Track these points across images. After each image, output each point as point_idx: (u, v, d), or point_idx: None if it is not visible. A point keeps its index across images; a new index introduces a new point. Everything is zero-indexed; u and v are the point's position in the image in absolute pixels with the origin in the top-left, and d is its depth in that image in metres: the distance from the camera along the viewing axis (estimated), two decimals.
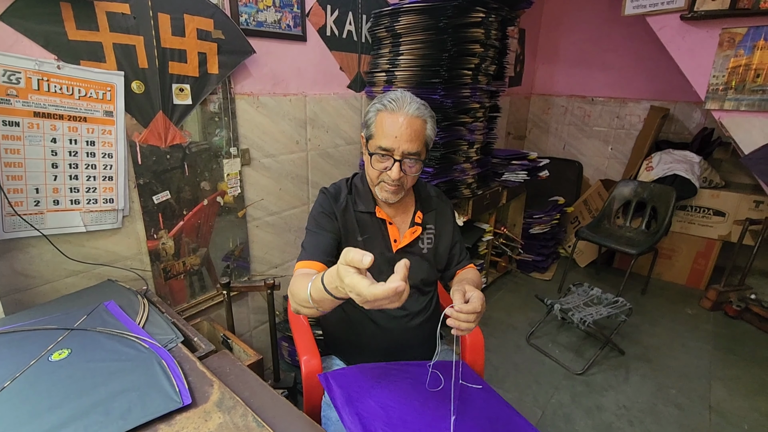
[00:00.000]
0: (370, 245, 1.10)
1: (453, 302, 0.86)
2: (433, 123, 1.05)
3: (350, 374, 0.99)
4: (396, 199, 1.07)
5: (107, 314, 0.99)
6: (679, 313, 2.62)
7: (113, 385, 0.75)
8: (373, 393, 0.94)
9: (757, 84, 1.95)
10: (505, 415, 0.98)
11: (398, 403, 0.92)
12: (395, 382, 0.99)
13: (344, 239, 1.08)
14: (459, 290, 0.89)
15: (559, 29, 3.50)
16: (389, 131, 0.99)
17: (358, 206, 1.11)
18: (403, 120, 0.99)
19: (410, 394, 0.96)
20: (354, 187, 1.14)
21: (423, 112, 1.02)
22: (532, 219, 2.96)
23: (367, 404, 0.90)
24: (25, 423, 0.66)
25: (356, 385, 0.96)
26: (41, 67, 1.03)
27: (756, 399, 1.91)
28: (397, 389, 0.97)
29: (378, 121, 1.02)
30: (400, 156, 1.00)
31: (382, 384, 0.98)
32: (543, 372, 2.07)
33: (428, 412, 0.91)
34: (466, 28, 1.76)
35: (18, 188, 1.07)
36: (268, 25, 1.51)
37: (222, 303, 1.51)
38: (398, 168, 1.00)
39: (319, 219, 1.07)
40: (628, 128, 3.35)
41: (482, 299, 0.86)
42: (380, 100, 1.03)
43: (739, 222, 2.64)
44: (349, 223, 1.09)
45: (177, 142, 1.36)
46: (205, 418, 0.71)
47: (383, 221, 1.12)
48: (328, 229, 1.06)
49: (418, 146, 1.00)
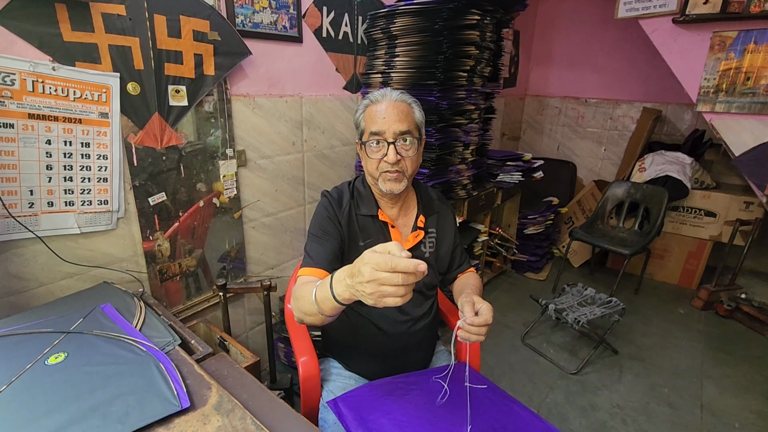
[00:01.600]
0: None
1: (463, 313, 0.87)
2: (418, 108, 1.08)
3: (359, 396, 0.98)
4: (400, 188, 1.05)
5: (103, 317, 0.98)
6: (671, 313, 2.65)
7: (111, 388, 0.75)
8: (385, 411, 0.93)
9: (748, 87, 1.98)
10: (513, 411, 0.99)
11: (410, 417, 0.92)
12: (404, 396, 0.99)
13: (347, 245, 1.08)
14: (468, 302, 0.90)
15: (553, 31, 3.53)
16: (377, 117, 1.03)
17: (360, 210, 1.11)
18: (388, 104, 1.03)
19: (420, 406, 0.96)
20: (356, 190, 1.14)
21: (406, 98, 1.07)
22: (526, 219, 2.98)
23: (380, 424, 0.89)
24: (22, 427, 0.66)
25: (367, 405, 0.95)
26: (36, 69, 1.03)
27: (747, 397, 1.93)
28: (408, 403, 0.96)
29: (366, 114, 1.06)
30: (393, 137, 1.01)
31: (391, 400, 0.97)
32: (538, 372, 2.09)
33: (440, 422, 0.91)
34: (461, 30, 1.76)
35: (12, 190, 1.06)
36: (264, 27, 1.51)
37: (218, 304, 1.51)
38: (394, 151, 1.01)
39: (324, 224, 1.06)
40: (621, 130, 3.39)
41: (491, 310, 0.88)
42: (365, 99, 1.09)
43: (730, 222, 2.68)
44: (352, 228, 1.09)
45: (173, 143, 1.36)
46: (203, 422, 0.71)
47: (385, 225, 1.12)
48: (333, 235, 1.05)
49: (407, 125, 1.03)
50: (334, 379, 1.16)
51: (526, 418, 0.98)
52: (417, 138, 1.06)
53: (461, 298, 0.95)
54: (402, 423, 0.90)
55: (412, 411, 0.94)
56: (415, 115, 1.06)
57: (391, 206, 1.13)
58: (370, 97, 1.07)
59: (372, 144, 1.03)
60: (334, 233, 1.05)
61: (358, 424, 0.89)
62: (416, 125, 1.06)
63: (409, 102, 1.06)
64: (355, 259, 1.09)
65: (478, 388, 1.04)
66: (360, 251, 1.08)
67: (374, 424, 0.89)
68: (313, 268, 0.99)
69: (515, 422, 0.96)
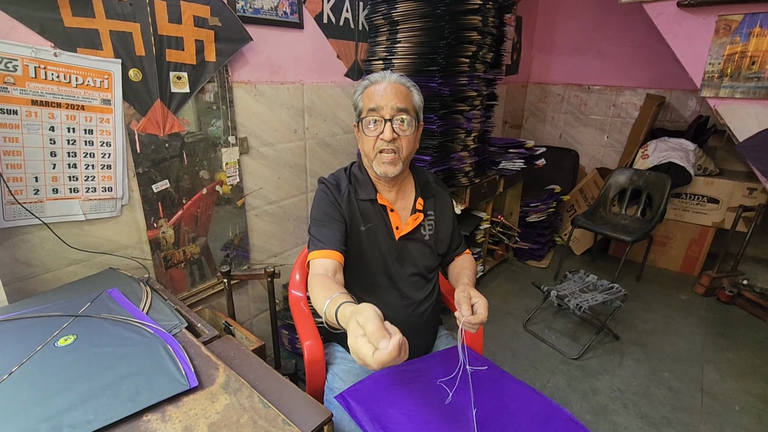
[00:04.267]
0: (373, 234, 1.11)
1: (460, 310, 0.91)
2: (417, 92, 1.09)
3: (366, 388, 0.99)
4: (395, 171, 1.05)
5: (111, 301, 1.00)
6: (672, 299, 2.66)
7: (120, 369, 0.76)
8: (392, 401, 0.94)
9: (753, 71, 1.96)
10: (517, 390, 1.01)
11: (417, 405, 0.93)
12: (410, 384, 1.00)
13: (349, 229, 1.08)
14: (465, 297, 0.92)
15: (555, 17, 3.48)
16: (375, 95, 1.04)
17: (359, 195, 1.11)
18: (387, 84, 1.04)
19: (426, 392, 0.97)
20: (353, 176, 1.14)
21: (405, 81, 1.07)
22: (528, 207, 2.97)
23: (389, 414, 0.90)
24: (35, 405, 0.67)
25: (375, 397, 0.96)
26: (38, 55, 1.02)
27: (746, 381, 1.95)
28: (414, 391, 0.97)
29: (365, 94, 1.07)
30: (390, 115, 1.02)
31: (398, 389, 0.98)
32: (539, 357, 2.10)
33: (448, 407, 0.93)
34: (463, 15, 1.75)
35: (17, 177, 1.07)
36: (264, 12, 1.50)
37: (221, 292, 1.52)
38: (390, 128, 1.01)
39: (327, 209, 1.07)
40: (624, 116, 3.36)
41: (486, 306, 0.91)
42: (364, 80, 1.10)
43: (733, 209, 2.67)
44: (353, 213, 1.10)
45: (175, 130, 1.36)
46: (212, 400, 0.73)
47: (384, 208, 1.12)
48: (337, 218, 1.06)
49: (405, 104, 1.03)
50: (338, 362, 1.17)
51: (523, 392, 1.00)
52: (415, 119, 1.06)
53: (457, 293, 0.97)
54: (410, 411, 0.91)
55: (418, 398, 0.95)
56: (413, 98, 1.07)
57: (389, 190, 1.14)
58: (369, 77, 1.08)
59: (369, 122, 1.03)
60: (338, 217, 1.06)
61: (368, 417, 0.89)
62: (414, 108, 1.07)
63: (408, 85, 1.07)
64: (356, 244, 1.10)
65: (482, 373, 1.05)
66: (361, 236, 1.09)
67: (382, 415, 0.89)
68: (325, 249, 1.00)
69: (514, 399, 0.98)
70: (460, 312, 0.91)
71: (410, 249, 1.14)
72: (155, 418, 0.68)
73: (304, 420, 0.73)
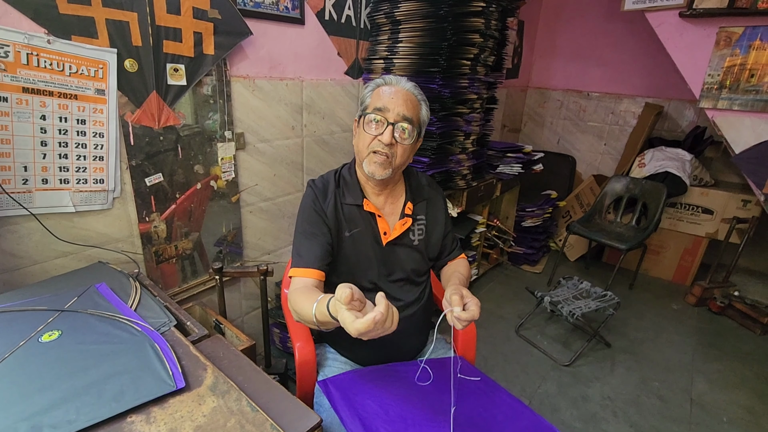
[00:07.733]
0: (359, 239, 1.09)
1: (449, 303, 0.89)
2: (426, 107, 1.08)
3: (348, 378, 1.00)
4: (383, 174, 1.03)
5: (98, 296, 0.97)
6: (664, 308, 2.67)
7: (105, 367, 0.74)
8: (372, 394, 0.95)
9: (751, 84, 1.97)
10: (508, 403, 1.00)
11: (396, 401, 0.93)
12: (392, 383, 1.00)
13: (334, 236, 1.06)
14: (457, 293, 0.90)
15: (557, 22, 3.48)
16: (385, 96, 1.02)
17: (345, 199, 1.09)
18: (400, 89, 1.03)
19: (408, 392, 0.97)
20: (342, 178, 1.12)
21: (417, 93, 1.07)
22: (524, 212, 2.97)
23: (366, 405, 0.91)
24: (15, 403, 0.65)
25: (355, 387, 0.97)
26: (31, 41, 1.00)
27: (736, 392, 1.96)
28: (395, 388, 0.98)
29: (375, 92, 1.05)
30: (394, 119, 1.00)
31: (379, 385, 0.99)
32: (531, 363, 2.10)
33: (427, 407, 0.93)
34: (466, 17, 1.74)
35: (6, 165, 1.04)
36: (265, 6, 1.48)
37: (214, 288, 1.50)
38: (391, 131, 1.00)
39: (311, 219, 1.05)
40: (622, 124, 3.37)
41: (479, 306, 0.89)
42: (378, 79, 1.08)
43: (727, 220, 2.69)
44: (338, 218, 1.08)
45: (171, 123, 1.34)
46: (198, 402, 0.71)
47: (372, 215, 1.10)
48: (322, 231, 1.04)
49: (412, 114, 1.02)
50: (329, 364, 1.16)
51: (513, 406, 0.99)
52: (417, 132, 1.05)
53: (449, 288, 0.95)
54: (387, 405, 0.92)
55: (398, 396, 0.96)
56: (421, 111, 1.07)
57: (377, 194, 1.12)
58: (384, 77, 1.07)
59: (372, 120, 1.02)
60: (322, 229, 1.04)
61: (345, 404, 0.91)
62: (419, 120, 1.06)
63: (420, 98, 1.07)
64: (341, 249, 1.09)
65: (474, 382, 1.05)
66: (345, 242, 1.08)
67: (360, 405, 0.91)
68: (304, 268, 0.99)
69: (503, 410, 0.97)
70: (449, 303, 0.88)
71: (398, 254, 1.13)
72: (140, 419, 0.67)
73: (292, 425, 0.71)
